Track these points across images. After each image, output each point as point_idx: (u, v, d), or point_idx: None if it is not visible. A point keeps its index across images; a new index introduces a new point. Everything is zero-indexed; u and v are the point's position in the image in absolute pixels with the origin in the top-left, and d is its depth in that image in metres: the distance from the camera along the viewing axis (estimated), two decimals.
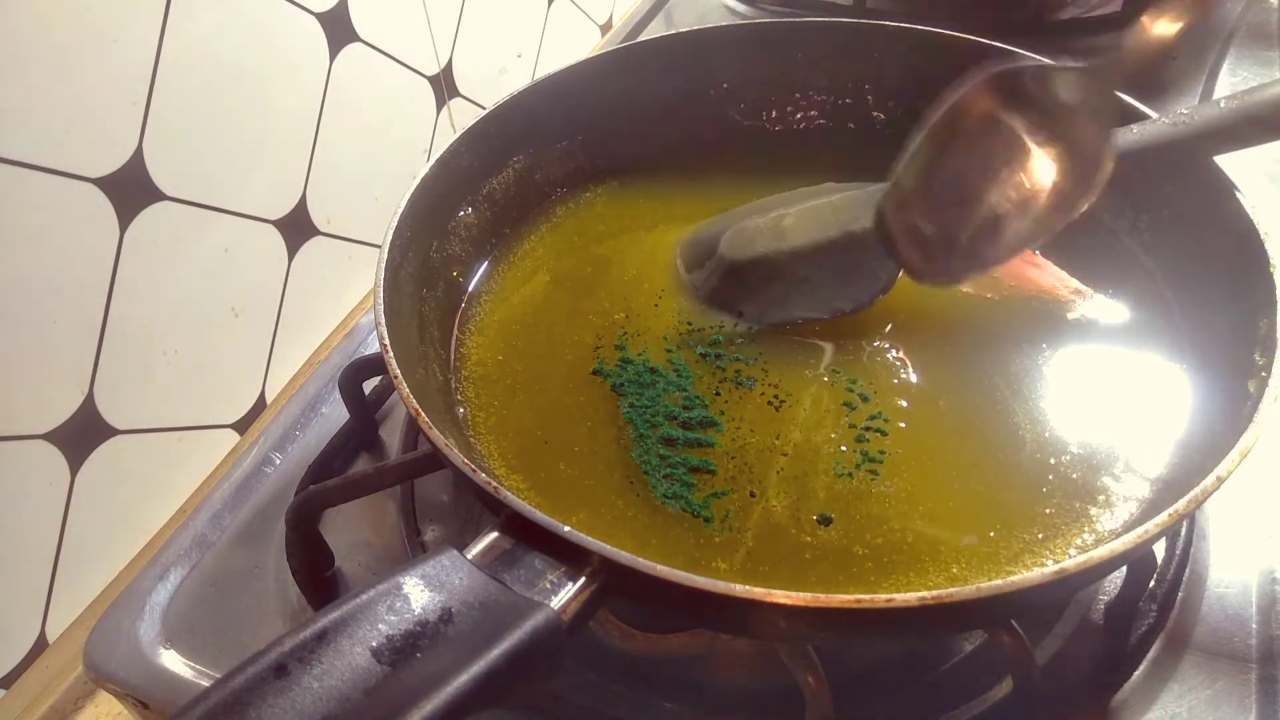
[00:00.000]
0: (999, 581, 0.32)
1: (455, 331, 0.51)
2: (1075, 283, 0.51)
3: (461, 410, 0.47)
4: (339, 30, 0.66)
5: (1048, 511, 0.41)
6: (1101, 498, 0.41)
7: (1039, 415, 0.45)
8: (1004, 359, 0.47)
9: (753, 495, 0.43)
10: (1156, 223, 0.49)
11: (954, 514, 0.41)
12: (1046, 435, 0.44)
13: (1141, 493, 0.41)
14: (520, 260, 0.55)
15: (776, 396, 0.47)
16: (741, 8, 0.89)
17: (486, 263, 0.55)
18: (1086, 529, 0.40)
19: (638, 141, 0.59)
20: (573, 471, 0.44)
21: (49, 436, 0.53)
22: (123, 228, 0.54)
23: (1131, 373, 0.47)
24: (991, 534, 0.40)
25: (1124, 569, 0.42)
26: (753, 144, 0.61)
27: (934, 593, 0.31)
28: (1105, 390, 0.46)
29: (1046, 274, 0.52)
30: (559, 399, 0.47)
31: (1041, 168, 0.44)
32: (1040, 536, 0.40)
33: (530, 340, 0.51)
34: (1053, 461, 0.43)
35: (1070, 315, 0.50)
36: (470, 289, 0.53)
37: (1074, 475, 0.42)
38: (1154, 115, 0.46)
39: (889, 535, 0.41)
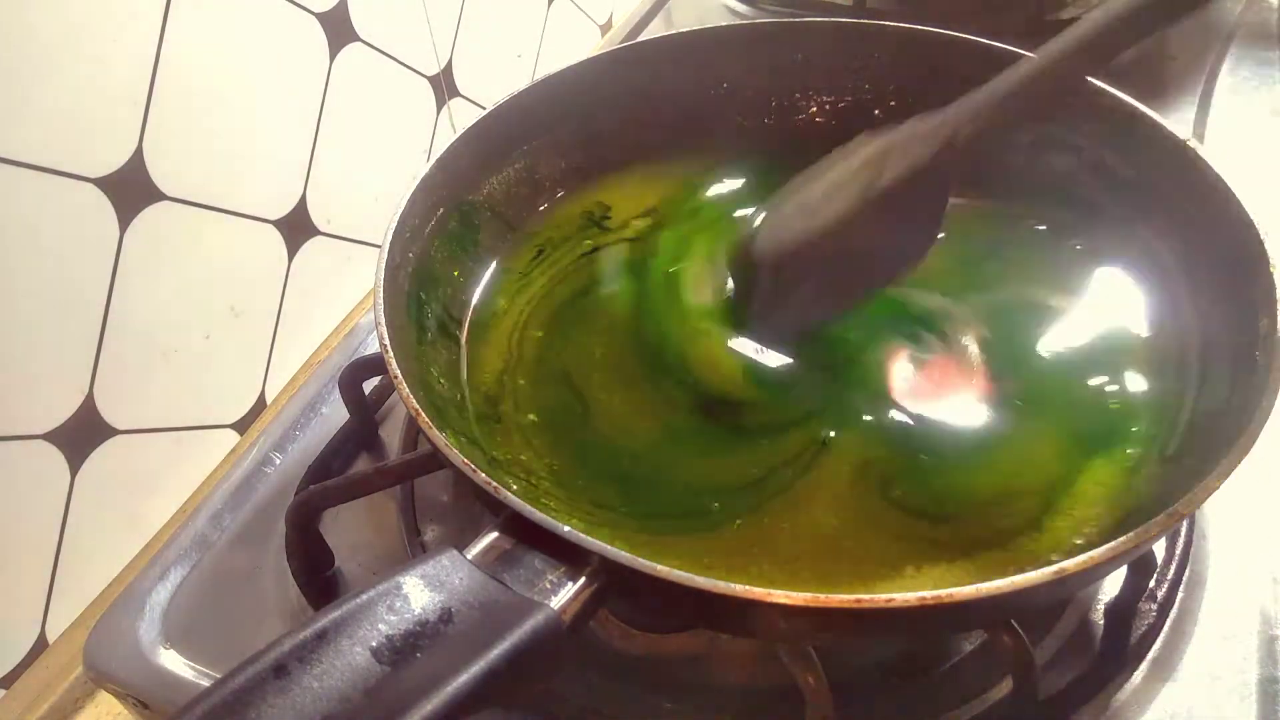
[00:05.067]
0: (999, 581, 0.32)
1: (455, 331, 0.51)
2: (1075, 281, 0.51)
3: None
4: (339, 30, 0.66)
5: (1048, 511, 0.41)
6: (1102, 498, 0.41)
7: (1038, 416, 0.45)
8: (1002, 362, 0.47)
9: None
10: (1156, 222, 0.49)
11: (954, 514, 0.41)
12: (1045, 435, 0.44)
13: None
14: (519, 260, 0.55)
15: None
16: (741, 8, 0.89)
17: (486, 262, 0.55)
18: (1086, 529, 0.40)
19: (637, 141, 0.59)
20: (570, 469, 0.44)
21: (49, 436, 0.53)
22: (123, 228, 0.54)
23: (1130, 373, 0.46)
24: (992, 534, 0.40)
25: (1124, 569, 0.42)
26: (753, 144, 0.61)
27: (934, 593, 0.31)
28: (1103, 390, 0.46)
29: None
30: (556, 396, 0.47)
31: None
32: (1040, 537, 0.40)
33: (529, 339, 0.51)
34: (1052, 461, 0.43)
35: (1069, 312, 0.50)
36: (470, 288, 0.53)
37: (1074, 474, 0.42)
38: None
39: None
